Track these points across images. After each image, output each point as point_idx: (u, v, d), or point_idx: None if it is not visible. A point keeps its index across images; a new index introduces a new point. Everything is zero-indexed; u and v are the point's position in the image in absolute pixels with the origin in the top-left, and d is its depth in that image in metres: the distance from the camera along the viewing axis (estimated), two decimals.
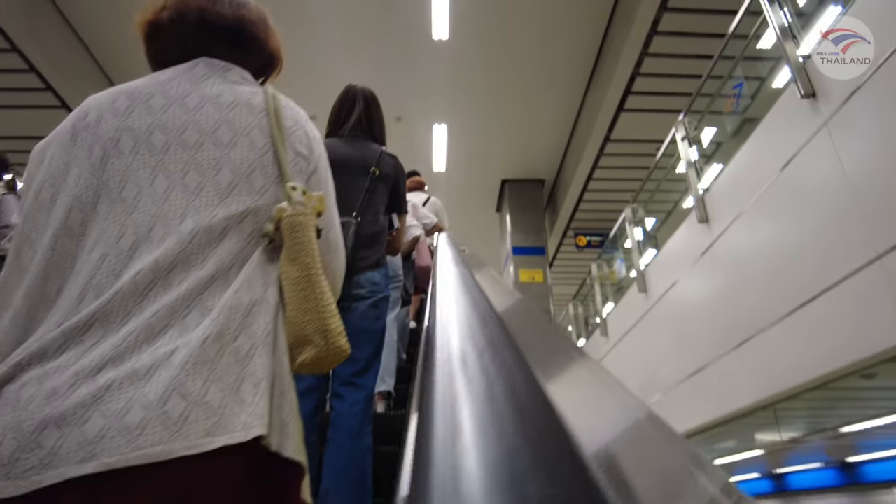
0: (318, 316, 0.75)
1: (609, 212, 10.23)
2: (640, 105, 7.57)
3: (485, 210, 11.50)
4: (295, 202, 0.76)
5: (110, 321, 0.63)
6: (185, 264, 0.68)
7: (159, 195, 0.72)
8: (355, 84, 2.26)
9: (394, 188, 2.10)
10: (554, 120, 8.94)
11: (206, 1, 0.89)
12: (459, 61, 7.77)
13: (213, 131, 0.77)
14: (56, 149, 0.76)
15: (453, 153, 9.76)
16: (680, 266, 4.95)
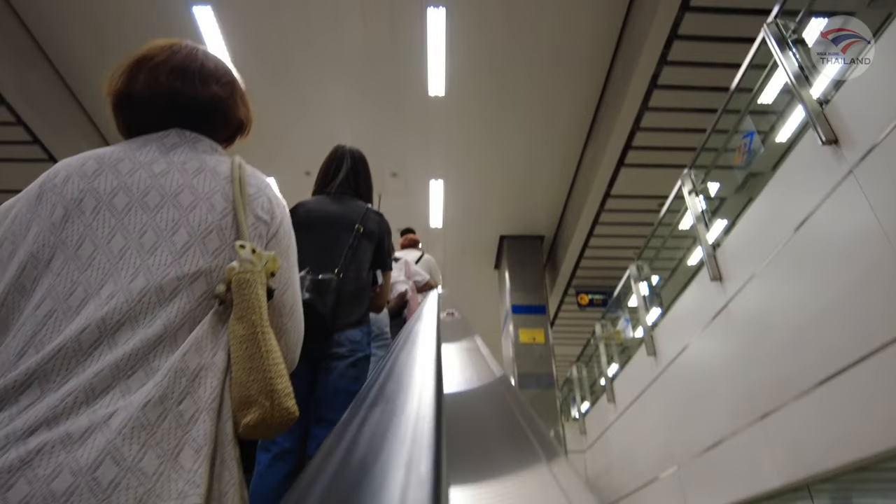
0: (263, 375, 0.72)
1: (611, 269, 9.97)
2: (641, 160, 7.45)
3: (483, 267, 11.24)
4: (243, 260, 0.76)
5: (49, 380, 0.61)
6: (133, 323, 0.68)
7: (114, 254, 0.73)
8: (344, 144, 2.33)
9: (378, 245, 2.11)
10: (553, 175, 8.83)
11: (178, 80, 0.93)
12: (456, 117, 7.72)
13: (175, 195, 0.80)
14: (21, 207, 0.78)
15: (450, 209, 9.60)
16: (692, 328, 4.62)
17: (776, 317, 3.49)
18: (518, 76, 7.07)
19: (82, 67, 6.80)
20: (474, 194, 9.31)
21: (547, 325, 9.35)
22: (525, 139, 8.08)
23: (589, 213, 8.54)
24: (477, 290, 12.04)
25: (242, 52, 6.67)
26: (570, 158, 8.46)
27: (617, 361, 7.38)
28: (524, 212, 9.72)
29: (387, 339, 2.87)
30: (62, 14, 6.19)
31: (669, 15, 5.50)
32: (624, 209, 8.44)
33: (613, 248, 9.42)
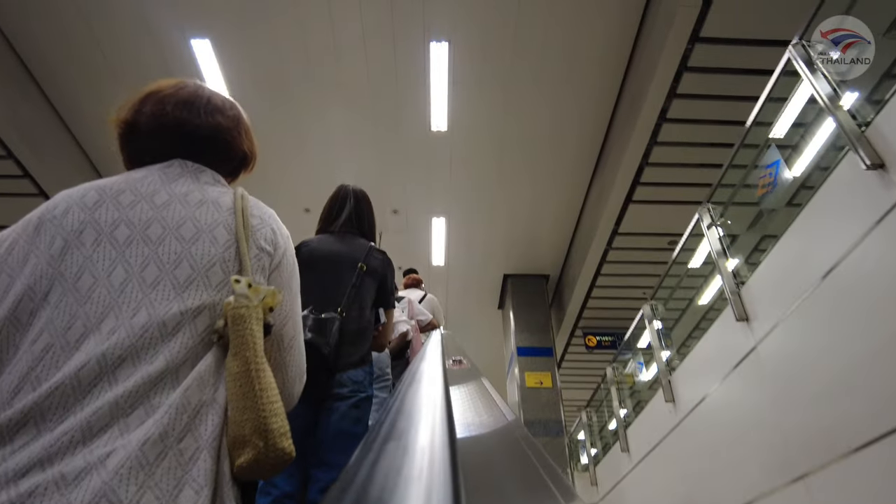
0: (256, 414, 0.70)
1: (620, 309, 9.67)
2: (650, 196, 7.26)
3: (486, 306, 10.94)
4: (238, 294, 0.75)
5: (46, 419, 0.60)
6: (135, 359, 0.67)
7: (115, 287, 0.72)
8: (347, 184, 2.36)
9: (381, 283, 2.11)
10: (558, 212, 8.64)
11: (183, 111, 0.94)
12: (458, 153, 7.58)
13: (177, 227, 0.80)
14: (19, 238, 0.77)
15: (453, 247, 9.37)
16: (715, 371, 4.29)
17: (816, 360, 3.19)
18: (522, 112, 6.96)
19: (76, 99, 6.69)
20: (477, 232, 9.10)
21: (554, 368, 8.98)
22: (529, 175, 7.93)
23: (596, 251, 8.29)
24: (480, 331, 11.70)
25: (241, 86, 6.58)
26: (575, 195, 8.29)
27: (630, 407, 6.99)
28: (528, 250, 9.49)
29: (388, 380, 2.82)
30: (56, 44, 6.11)
31: (679, 46, 5.39)
32: (632, 247, 8.20)
33: (622, 288, 9.14)
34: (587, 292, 9.24)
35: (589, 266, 8.58)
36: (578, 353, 11.02)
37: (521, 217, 8.74)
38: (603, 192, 7.52)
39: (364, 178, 8.37)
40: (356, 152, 7.64)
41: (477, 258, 9.70)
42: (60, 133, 6.96)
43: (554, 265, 9.85)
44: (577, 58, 6.30)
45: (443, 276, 10.09)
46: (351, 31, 6.08)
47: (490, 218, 8.79)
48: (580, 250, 8.80)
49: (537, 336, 9.29)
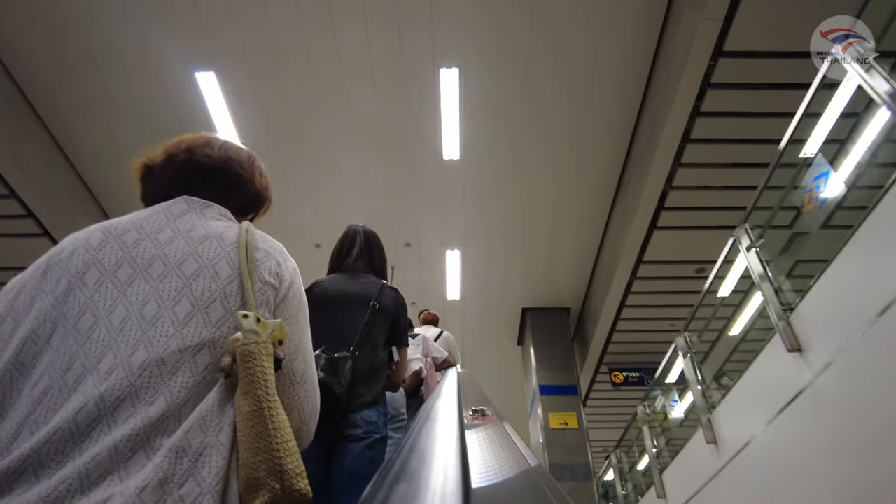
0: (271, 455, 0.67)
1: (647, 342, 9.23)
2: (676, 222, 6.92)
3: (505, 342, 10.54)
4: (246, 330, 0.73)
5: (45, 466, 0.59)
6: (134, 399, 0.65)
7: (115, 326, 0.71)
8: (356, 223, 2.39)
9: (394, 321, 2.10)
10: (577, 241, 8.31)
11: (196, 144, 1.01)
12: (472, 182, 7.36)
13: (178, 264, 0.79)
14: (27, 283, 0.78)
15: (468, 280, 9.06)
16: (765, 409, 3.87)
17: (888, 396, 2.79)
18: (537, 137, 6.74)
19: (81, 136, 6.64)
20: (493, 264, 8.80)
21: (580, 408, 8.49)
22: (547, 204, 7.66)
23: (620, 282, 7.92)
24: (499, 369, 11.27)
25: (248, 120, 6.48)
26: (596, 223, 7.98)
27: (665, 449, 6.48)
28: (547, 282, 9.14)
29: (403, 420, 2.78)
30: (60, 80, 6.07)
31: (701, 62, 5.15)
32: (659, 276, 7.82)
33: (649, 320, 8.72)
34: (612, 325, 8.82)
35: (613, 297, 8.19)
36: (604, 391, 10.51)
37: (538, 247, 8.43)
38: (625, 218, 7.20)
39: (375, 212, 8.26)
40: (366, 185, 7.46)
41: (494, 291, 9.36)
42: (65, 172, 6.89)
43: (575, 297, 9.47)
44: (592, 80, 6.10)
45: (458, 311, 9.75)
46: (358, 60, 5.96)
47: (506, 249, 8.49)
48: (603, 281, 8.43)
49: (560, 373, 8.84)
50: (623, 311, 8.47)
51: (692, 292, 7.99)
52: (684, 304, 8.30)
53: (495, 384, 10.90)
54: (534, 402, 8.96)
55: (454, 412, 1.25)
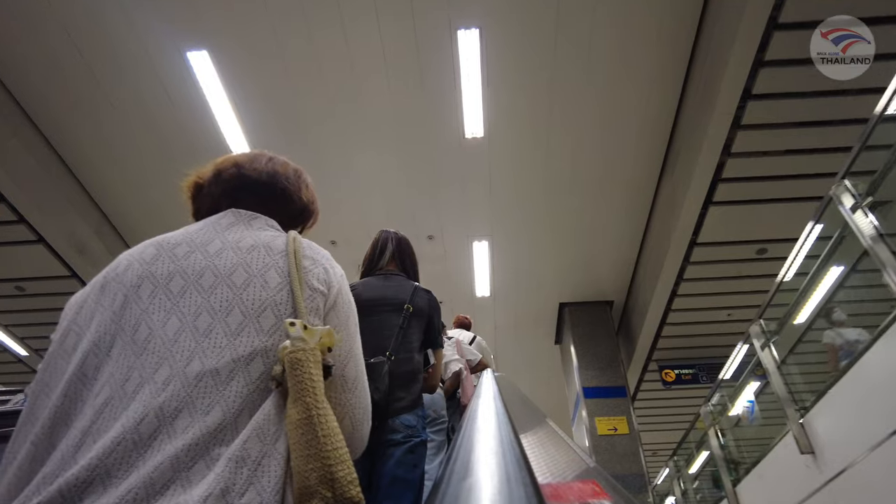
0: (321, 463, 0.68)
1: (702, 336, 8.46)
2: (735, 195, 6.15)
3: (541, 341, 9.85)
4: (294, 338, 0.75)
5: (111, 476, 0.62)
6: (191, 409, 0.68)
7: (169, 337, 0.74)
8: (387, 229, 2.42)
9: (428, 323, 2.13)
10: (619, 225, 7.58)
11: (244, 159, 1.06)
12: (498, 162, 6.71)
13: (228, 274, 0.83)
14: (87, 298, 0.83)
15: (498, 274, 8.40)
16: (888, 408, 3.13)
17: None
18: (571, 107, 6.05)
19: (71, 131, 6.20)
20: (525, 255, 8.12)
21: (630, 411, 7.75)
22: (582, 184, 6.95)
23: (670, 269, 7.15)
24: (536, 371, 10.60)
25: (248, 104, 5.96)
26: (639, 203, 7.23)
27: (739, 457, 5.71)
28: (587, 273, 8.41)
29: (444, 422, 2.79)
30: (47, 72, 5.63)
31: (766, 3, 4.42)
32: (715, 259, 7.04)
33: (704, 310, 7.93)
34: (661, 318, 8.05)
35: (663, 287, 7.43)
36: (654, 390, 9.73)
37: (575, 235, 7.72)
38: (675, 195, 6.45)
39: (393, 203, 7.67)
40: (382, 174, 6.88)
41: (527, 286, 8.68)
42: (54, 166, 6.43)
43: (618, 289, 8.72)
44: (633, 35, 5.39)
45: (489, 309, 9.10)
46: (366, 29, 5.37)
47: (539, 238, 7.80)
48: (650, 269, 7.67)
49: (606, 374, 8.11)
50: (674, 301, 7.70)
51: (754, 276, 7.22)
52: (745, 290, 7.52)
53: (533, 388, 10.21)
54: (577, 406, 8.25)
55: (501, 411, 1.22)
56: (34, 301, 7.76)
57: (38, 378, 0.76)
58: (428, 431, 2.08)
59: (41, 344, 8.81)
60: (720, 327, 8.30)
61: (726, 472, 5.41)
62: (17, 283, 7.47)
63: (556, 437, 1.65)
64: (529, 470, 0.61)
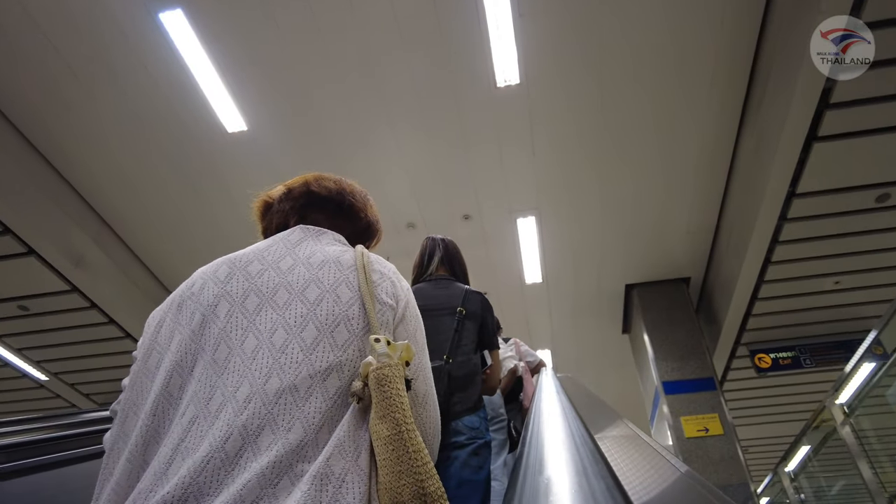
0: (413, 479, 0.70)
1: (804, 311, 7.16)
2: (848, 124, 4.91)
3: (606, 331, 8.74)
4: (380, 354, 0.79)
5: (204, 494, 0.65)
6: (273, 426, 0.71)
7: (248, 355, 0.79)
8: (434, 235, 2.56)
9: (482, 325, 2.18)
10: (692, 186, 6.40)
11: (312, 178, 1.14)
12: (541, 115, 5.68)
13: (301, 290, 0.87)
14: (165, 317, 0.89)
15: (550, 255, 7.35)
16: None
17: None
18: (628, 34, 4.96)
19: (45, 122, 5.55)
20: (581, 230, 7.03)
21: (722, 407, 6.55)
22: (645, 136, 5.84)
23: (763, 231, 5.93)
24: (601, 365, 9.48)
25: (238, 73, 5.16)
26: (717, 154, 6.05)
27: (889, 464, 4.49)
28: (657, 247, 7.25)
29: (503, 420, 2.79)
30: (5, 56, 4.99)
31: None
32: (820, 213, 5.78)
33: (805, 279, 6.64)
34: (752, 292, 6.80)
35: (753, 254, 6.20)
36: (744, 379, 8.45)
37: (640, 200, 6.59)
38: (764, 137, 5.25)
39: (417, 178, 6.55)
40: (402, 145, 5.97)
41: (586, 266, 7.58)
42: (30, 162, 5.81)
43: (695, 262, 7.51)
44: None
45: (542, 297, 8.05)
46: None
47: (596, 207, 6.71)
48: (735, 234, 6.46)
49: (689, 364, 6.94)
50: (767, 271, 6.44)
51: (871, 232, 5.93)
52: (857, 249, 6.21)
53: (601, 386, 9.10)
54: (657, 404, 7.12)
55: (567, 406, 1.27)
56: (42, 321, 7.25)
57: (127, 397, 0.83)
58: (490, 432, 2.12)
59: (60, 367, 8.36)
60: (826, 299, 6.98)
61: (878, 486, 4.21)
62: (19, 303, 6.96)
63: (635, 436, 1.44)
64: (606, 463, 0.63)
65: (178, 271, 7.33)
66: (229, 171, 6.16)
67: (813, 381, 8.45)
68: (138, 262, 7.21)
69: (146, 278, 7.33)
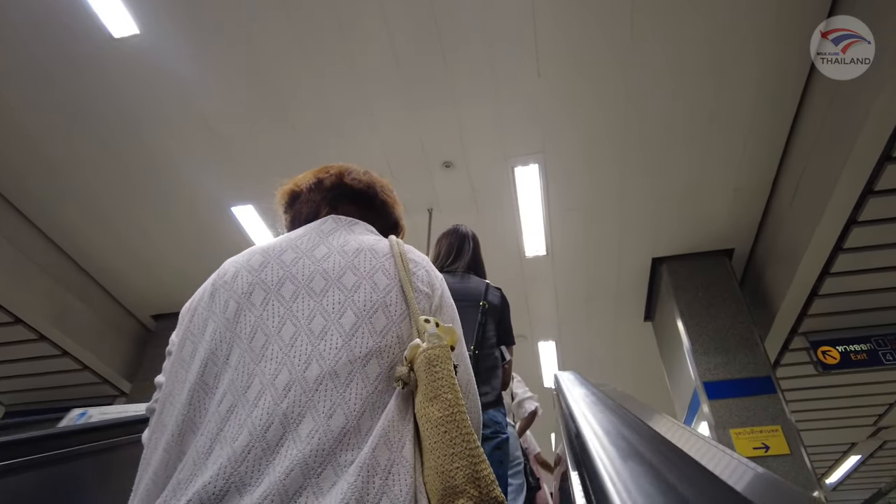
0: (468, 461, 0.70)
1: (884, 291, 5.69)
2: None
3: (624, 319, 7.26)
4: (430, 335, 0.81)
5: (246, 484, 0.65)
6: (314, 413, 0.72)
7: (286, 342, 0.79)
8: (460, 225, 2.57)
9: (500, 319, 2.24)
10: (738, 128, 4.89)
11: (343, 170, 1.16)
12: (548, 19, 4.15)
13: (338, 277, 0.88)
14: (198, 307, 0.90)
15: (557, 219, 5.84)
16: None
17: None
18: None
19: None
20: (596, 187, 5.53)
21: (786, 416, 5.09)
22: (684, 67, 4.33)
23: (852, 180, 4.42)
24: (618, 361, 8.04)
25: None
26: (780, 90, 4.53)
27: None
28: (693, 209, 5.76)
29: (520, 463, 2.75)
30: None
31: None
32: None
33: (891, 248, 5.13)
34: (824, 266, 5.29)
35: (834, 214, 4.69)
36: (801, 377, 6.98)
37: (674, 144, 5.09)
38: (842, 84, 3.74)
39: (382, 113, 4.64)
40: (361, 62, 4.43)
41: (602, 234, 6.08)
42: None
43: (741, 230, 6.01)
44: None
45: (545, 274, 6.56)
46: None
47: (616, 156, 5.21)
48: (805, 189, 4.95)
49: (738, 359, 5.47)
50: (850, 235, 4.92)
51: None
52: None
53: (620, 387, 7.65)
54: (695, 412, 5.66)
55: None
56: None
57: (164, 387, 0.83)
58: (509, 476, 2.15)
59: None
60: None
61: None
62: None
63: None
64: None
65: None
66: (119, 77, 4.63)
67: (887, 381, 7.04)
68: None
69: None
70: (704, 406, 5.30)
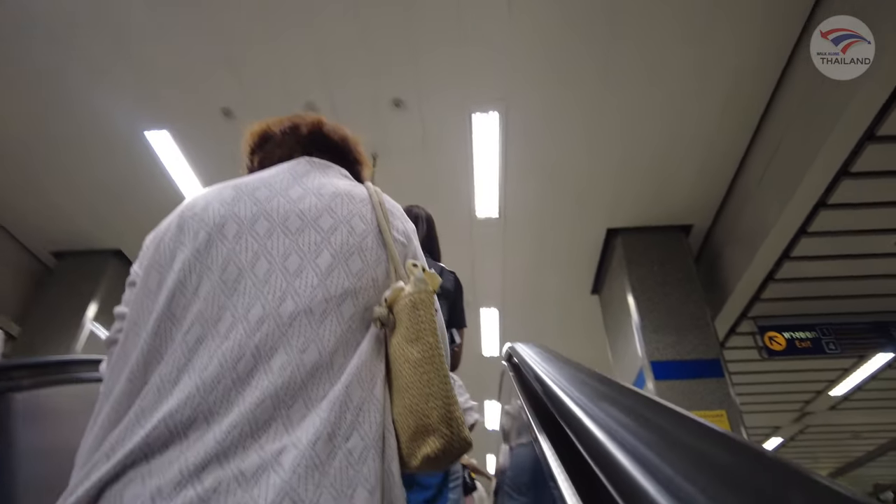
0: (443, 402, 0.72)
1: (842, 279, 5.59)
2: None
3: (572, 289, 7.00)
4: (418, 280, 0.81)
5: (213, 413, 0.64)
6: (287, 347, 0.71)
7: (259, 278, 0.77)
8: (414, 205, 2.48)
9: (453, 303, 2.24)
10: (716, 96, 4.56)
11: (319, 119, 1.12)
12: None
13: (314, 219, 0.86)
14: (164, 236, 0.84)
15: (513, 176, 5.41)
16: None
17: None
18: None
19: None
20: (556, 144, 5.12)
21: (731, 401, 4.92)
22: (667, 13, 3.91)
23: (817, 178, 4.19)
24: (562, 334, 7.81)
25: None
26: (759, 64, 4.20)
27: None
28: (655, 179, 5.45)
29: (458, 477, 2.69)
30: None
31: None
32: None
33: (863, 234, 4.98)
34: (785, 249, 5.09)
35: (805, 194, 4.45)
36: (744, 361, 6.92)
37: (645, 107, 4.72)
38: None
39: (327, 40, 3.93)
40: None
41: (560, 198, 5.71)
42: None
43: (703, 207, 5.76)
44: None
45: (496, 237, 6.16)
46: None
47: (587, 111, 4.79)
48: (778, 165, 4.68)
49: (689, 339, 5.26)
50: (816, 219, 4.71)
51: None
52: None
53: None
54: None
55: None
56: None
57: (129, 318, 0.78)
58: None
59: None
60: (873, 265, 5.39)
61: None
62: None
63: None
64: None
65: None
66: None
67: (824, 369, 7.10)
68: None
69: None
70: (650, 385, 5.08)
